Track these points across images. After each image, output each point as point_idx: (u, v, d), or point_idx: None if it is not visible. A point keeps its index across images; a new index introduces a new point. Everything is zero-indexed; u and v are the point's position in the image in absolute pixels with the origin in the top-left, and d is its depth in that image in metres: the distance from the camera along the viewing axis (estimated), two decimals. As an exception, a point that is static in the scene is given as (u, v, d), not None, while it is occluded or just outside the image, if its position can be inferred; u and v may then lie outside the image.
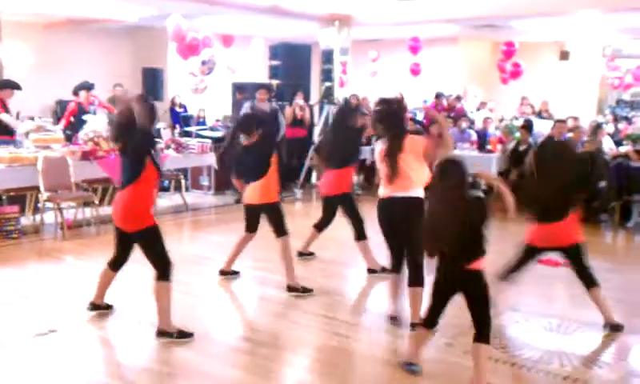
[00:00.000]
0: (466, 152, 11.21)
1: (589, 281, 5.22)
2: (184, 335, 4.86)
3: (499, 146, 10.98)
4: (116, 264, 5.20)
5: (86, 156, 8.59)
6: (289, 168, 11.35)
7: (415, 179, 4.99)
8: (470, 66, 17.93)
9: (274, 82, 12.55)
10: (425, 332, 4.34)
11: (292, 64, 12.84)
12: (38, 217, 8.46)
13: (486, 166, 10.71)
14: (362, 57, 16.70)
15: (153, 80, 13.12)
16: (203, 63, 11.30)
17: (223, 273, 6.47)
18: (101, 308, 5.31)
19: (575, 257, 5.25)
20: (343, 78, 13.87)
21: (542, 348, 4.85)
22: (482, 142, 11.50)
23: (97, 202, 8.59)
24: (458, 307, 5.68)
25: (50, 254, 7.16)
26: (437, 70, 17.05)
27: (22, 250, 7.36)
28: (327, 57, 13.19)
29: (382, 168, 5.10)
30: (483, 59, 18.26)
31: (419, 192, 5.04)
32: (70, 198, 8.31)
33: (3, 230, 7.73)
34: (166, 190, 11.13)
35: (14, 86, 9.51)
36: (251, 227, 6.31)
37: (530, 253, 5.38)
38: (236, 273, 6.50)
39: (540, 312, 5.65)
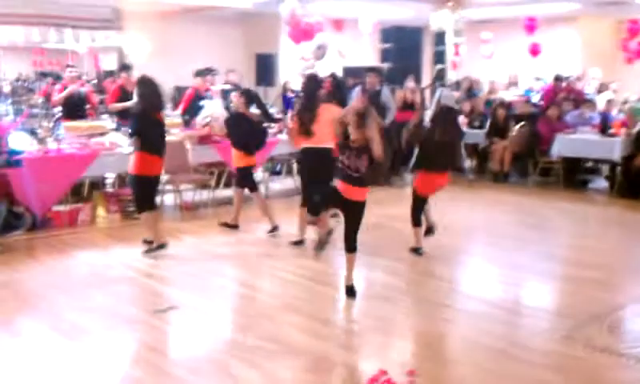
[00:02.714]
0: (586, 135, 10.70)
1: None
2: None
3: (623, 130, 10.39)
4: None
5: (202, 140, 8.86)
6: (399, 152, 11.22)
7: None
8: (590, 46, 17.06)
9: (385, 65, 12.46)
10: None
11: (403, 47, 12.72)
12: (158, 198, 8.82)
13: (607, 150, 10.19)
14: (474, 38, 16.27)
15: (265, 65, 13.34)
16: (319, 48, 11.35)
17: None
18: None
19: None
20: (455, 60, 13.57)
21: (670, 344, 4.56)
22: (605, 126, 10.91)
23: (213, 184, 8.86)
24: (574, 298, 5.50)
25: (170, 234, 7.42)
26: (554, 51, 16.34)
27: (143, 230, 7.68)
28: (439, 39, 12.95)
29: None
30: (604, 39, 17.32)
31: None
32: (188, 180, 8.61)
33: (126, 211, 8.13)
34: (277, 173, 11.31)
35: (126, 68, 10.01)
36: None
37: None
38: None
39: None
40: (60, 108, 9.98)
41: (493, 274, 6.29)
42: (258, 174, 10.19)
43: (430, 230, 6.84)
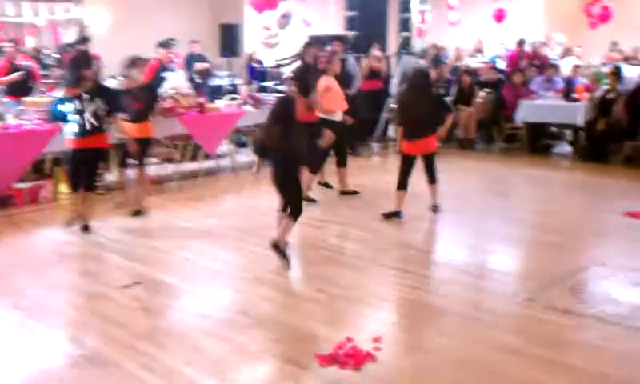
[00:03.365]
0: (550, 101, 10.80)
1: None
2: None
3: (586, 94, 10.50)
4: None
5: (166, 113, 8.73)
6: (365, 121, 11.21)
7: None
8: (555, 11, 17.14)
9: (350, 34, 12.37)
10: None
11: (368, 14, 12.61)
12: (122, 173, 8.70)
13: (570, 115, 10.31)
14: (440, 4, 16.24)
15: (230, 36, 13.15)
16: (283, 16, 11.23)
17: None
18: None
19: None
20: (421, 27, 13.54)
21: (629, 303, 4.65)
22: (568, 90, 11.03)
23: (178, 158, 8.77)
24: (536, 262, 5.59)
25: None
26: (519, 16, 16.39)
27: (107, 205, 7.60)
28: (405, 6, 12.89)
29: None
30: (569, 4, 17.42)
31: None
32: (152, 154, 8.48)
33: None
34: (243, 145, 11.24)
35: (84, 40, 9.82)
36: None
37: None
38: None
39: (628, 266, 5.41)
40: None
41: (458, 239, 6.36)
42: (224, 147, 10.12)
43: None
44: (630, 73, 11.35)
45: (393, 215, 6.77)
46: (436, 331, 4.30)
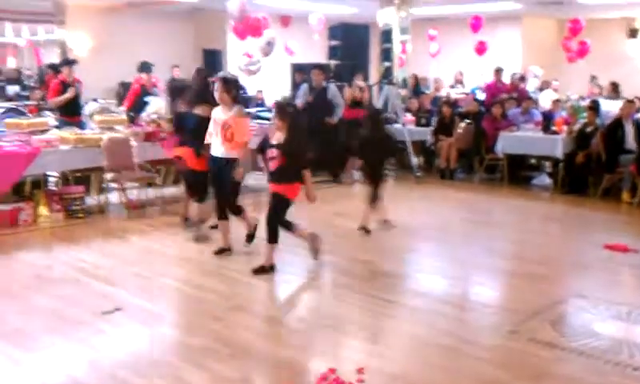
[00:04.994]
0: (529, 133, 10.93)
1: None
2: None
3: (565, 127, 10.66)
4: None
5: (148, 137, 8.71)
6: (348, 149, 11.22)
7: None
8: (534, 45, 17.46)
9: (333, 63, 12.46)
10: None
11: (351, 44, 12.70)
12: (102, 197, 8.65)
13: (550, 147, 10.44)
14: (421, 36, 16.46)
15: (212, 61, 13.21)
16: (268, 44, 11.27)
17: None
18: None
19: None
20: (403, 57, 13.67)
21: (610, 337, 4.68)
22: (548, 123, 11.18)
23: (159, 182, 8.72)
24: (518, 293, 5.62)
25: (115, 234, 7.30)
26: (498, 49, 16.66)
27: (88, 229, 7.53)
28: (386, 36, 13.01)
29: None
30: (547, 38, 17.75)
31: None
32: (133, 179, 8.44)
33: (69, 210, 7.94)
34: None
35: (70, 63, 9.67)
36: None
37: None
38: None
39: (608, 299, 5.45)
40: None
41: (440, 270, 6.37)
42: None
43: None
44: (608, 107, 11.56)
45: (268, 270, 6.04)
46: (418, 362, 4.29)
